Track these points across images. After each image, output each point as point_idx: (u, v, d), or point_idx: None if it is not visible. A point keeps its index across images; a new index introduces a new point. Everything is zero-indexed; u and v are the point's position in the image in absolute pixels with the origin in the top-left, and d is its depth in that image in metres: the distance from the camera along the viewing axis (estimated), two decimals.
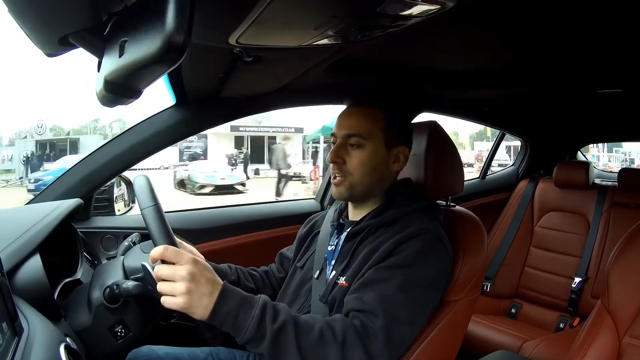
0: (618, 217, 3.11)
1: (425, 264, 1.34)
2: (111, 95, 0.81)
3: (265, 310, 1.20)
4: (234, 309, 1.18)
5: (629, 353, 1.33)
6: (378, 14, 1.16)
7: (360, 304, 1.28)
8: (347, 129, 1.50)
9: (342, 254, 1.51)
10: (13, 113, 65.79)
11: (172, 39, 0.64)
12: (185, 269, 1.15)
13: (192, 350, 1.70)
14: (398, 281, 1.30)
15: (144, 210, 1.27)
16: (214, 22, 1.16)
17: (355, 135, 1.48)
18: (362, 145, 1.48)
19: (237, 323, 1.18)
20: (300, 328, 1.21)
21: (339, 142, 1.51)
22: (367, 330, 1.23)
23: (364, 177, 1.50)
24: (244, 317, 1.18)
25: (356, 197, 1.53)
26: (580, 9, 1.32)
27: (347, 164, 1.50)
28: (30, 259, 1.28)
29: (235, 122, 6.39)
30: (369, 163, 1.49)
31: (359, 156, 1.49)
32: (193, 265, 1.16)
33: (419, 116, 2.73)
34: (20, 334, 1.00)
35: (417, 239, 1.36)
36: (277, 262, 1.88)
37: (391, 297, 1.28)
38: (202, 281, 1.16)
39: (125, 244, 1.61)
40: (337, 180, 1.51)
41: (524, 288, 3.33)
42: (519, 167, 3.91)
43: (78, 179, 1.92)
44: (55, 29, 0.82)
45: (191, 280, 1.14)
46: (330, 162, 1.51)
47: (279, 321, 1.20)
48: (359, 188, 1.51)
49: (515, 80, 2.37)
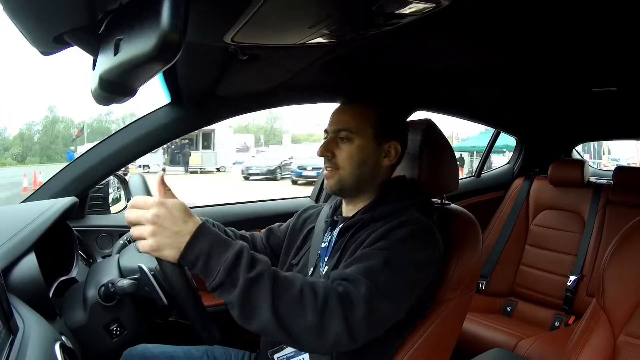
0: (613, 215, 3.11)
1: (412, 248, 1.34)
2: (106, 93, 0.81)
3: (242, 256, 1.15)
4: (205, 249, 1.13)
5: (625, 351, 1.33)
6: (373, 13, 1.17)
7: (344, 274, 1.27)
8: (336, 124, 1.52)
9: (334, 249, 1.51)
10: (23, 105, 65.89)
11: (167, 37, 0.64)
12: (149, 212, 1.12)
13: (188, 348, 1.70)
14: (384, 258, 1.29)
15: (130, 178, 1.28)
16: (209, 20, 1.16)
17: (344, 129, 1.50)
18: (351, 139, 1.50)
19: (209, 265, 1.13)
20: (279, 283, 1.17)
21: (330, 136, 1.53)
22: (350, 298, 1.20)
23: (353, 170, 1.50)
24: (216, 259, 1.13)
25: (347, 190, 1.54)
26: (576, 8, 1.32)
27: (337, 157, 1.51)
28: (26, 257, 1.28)
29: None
30: (358, 156, 1.50)
31: (347, 149, 1.50)
32: (158, 207, 1.13)
33: (414, 114, 2.73)
34: (15, 333, 1.00)
35: (407, 227, 1.37)
36: (263, 234, 1.86)
37: (376, 270, 1.26)
38: (168, 221, 1.12)
39: (121, 242, 1.62)
40: (328, 173, 1.53)
41: (519, 286, 3.34)
42: (514, 166, 3.91)
43: (73, 177, 1.91)
44: (50, 27, 0.82)
45: (155, 221, 1.11)
46: (319, 155, 1.53)
47: (256, 270, 1.15)
48: (348, 181, 1.51)
49: (510, 79, 2.37)
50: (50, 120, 53.74)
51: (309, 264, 1.58)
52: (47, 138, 52.20)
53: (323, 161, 1.55)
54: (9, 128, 65.51)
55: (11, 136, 52.91)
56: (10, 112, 73.88)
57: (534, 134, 3.81)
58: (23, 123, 54.80)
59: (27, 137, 52.64)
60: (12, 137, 52.80)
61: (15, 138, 52.39)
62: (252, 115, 60.08)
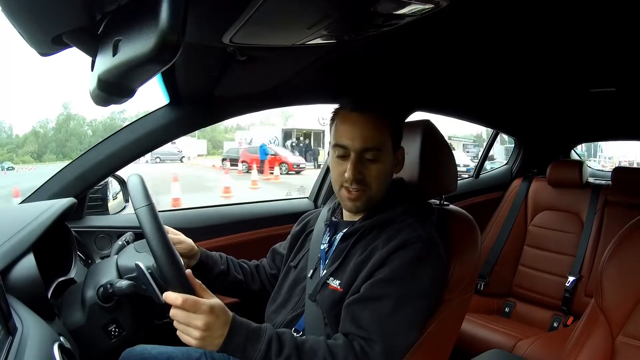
0: (611, 216, 3.12)
1: (417, 275, 1.35)
2: (105, 94, 0.80)
3: (271, 345, 1.25)
4: (241, 343, 1.23)
5: (623, 352, 1.33)
6: (371, 14, 1.17)
7: (358, 329, 1.31)
8: (362, 142, 1.44)
9: (335, 255, 1.51)
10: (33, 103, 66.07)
11: (166, 38, 0.64)
12: (201, 320, 1.17)
13: (187, 349, 1.70)
14: (392, 299, 1.32)
15: (137, 209, 1.27)
16: (208, 21, 1.16)
17: (373, 149, 1.44)
18: (379, 158, 1.45)
19: (246, 354, 1.23)
20: (304, 358, 1.26)
21: (355, 156, 1.44)
22: (366, 356, 1.27)
23: (381, 189, 1.49)
24: (251, 350, 1.23)
25: (372, 208, 1.51)
26: (575, 9, 1.32)
27: (366, 178, 1.46)
28: (24, 258, 1.27)
29: None
30: (385, 174, 1.48)
31: (377, 170, 1.46)
32: (209, 315, 1.18)
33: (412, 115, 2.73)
34: (13, 333, 0.99)
35: (408, 249, 1.36)
36: (269, 258, 1.88)
37: (387, 318, 1.31)
38: (216, 327, 1.20)
39: (119, 243, 1.61)
40: (355, 195, 1.47)
41: (517, 287, 3.35)
42: (512, 166, 3.92)
43: (72, 178, 1.91)
44: (49, 28, 0.82)
45: (206, 329, 1.18)
46: (352, 181, 1.44)
47: (284, 355, 1.24)
48: (376, 199, 1.49)
49: (508, 79, 2.37)
50: (65, 118, 53.92)
51: (308, 266, 1.58)
52: (62, 135, 52.43)
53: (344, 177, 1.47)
54: (15, 126, 65.71)
55: (19, 135, 53.39)
56: (16, 111, 74.27)
57: (533, 135, 3.82)
58: (35, 120, 55.38)
59: (42, 134, 53.09)
60: (22, 135, 53.53)
61: (28, 135, 52.81)
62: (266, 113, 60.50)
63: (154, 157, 32.43)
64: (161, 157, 32.60)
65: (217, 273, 1.68)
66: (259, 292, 1.80)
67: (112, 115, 57.54)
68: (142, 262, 1.33)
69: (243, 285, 1.75)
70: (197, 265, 1.65)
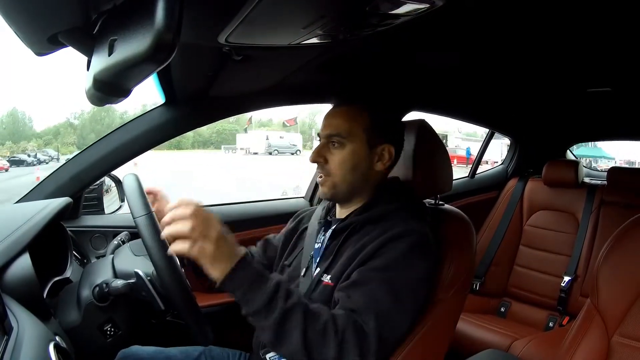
0: (607, 215, 3.12)
1: (409, 266, 1.36)
2: (100, 94, 0.80)
3: (279, 287, 1.24)
4: (249, 276, 1.22)
5: (618, 352, 1.33)
6: (367, 13, 1.17)
7: (352, 305, 1.31)
8: (328, 129, 1.52)
9: (327, 252, 1.52)
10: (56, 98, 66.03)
11: (162, 37, 0.64)
12: (215, 229, 1.20)
13: (185, 349, 1.70)
14: (384, 283, 1.32)
15: (137, 218, 1.27)
16: (204, 21, 1.16)
17: (335, 135, 1.49)
18: (343, 144, 1.49)
19: (251, 292, 1.21)
20: (309, 314, 1.25)
21: (322, 142, 1.53)
22: (362, 330, 1.26)
23: (345, 176, 1.50)
24: (258, 287, 1.22)
25: (340, 196, 1.54)
26: (571, 9, 1.33)
27: (329, 164, 1.51)
28: (20, 257, 1.28)
29: None
30: (349, 162, 1.50)
31: (339, 155, 1.50)
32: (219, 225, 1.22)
33: (408, 115, 2.74)
34: (9, 333, 1.00)
35: (401, 241, 1.37)
36: (259, 248, 1.86)
37: (379, 298, 1.30)
38: (223, 243, 1.21)
39: (115, 242, 1.61)
40: (321, 180, 1.53)
41: (513, 287, 3.35)
42: (508, 166, 3.92)
43: (67, 178, 1.91)
44: (44, 27, 0.82)
45: (219, 237, 1.20)
46: (312, 162, 1.54)
47: (291, 301, 1.23)
48: (341, 187, 1.51)
49: (504, 79, 2.38)
50: (99, 110, 53.95)
51: (301, 265, 1.58)
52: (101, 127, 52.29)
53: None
54: (36, 119, 66.15)
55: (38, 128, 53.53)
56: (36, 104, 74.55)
57: (528, 135, 3.82)
58: (70, 112, 55.49)
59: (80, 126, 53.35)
60: (53, 126, 53.94)
61: (59, 127, 53.13)
62: (295, 110, 60.91)
63: (272, 149, 33.63)
64: (279, 150, 33.56)
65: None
66: None
67: (144, 109, 57.94)
68: (141, 269, 1.34)
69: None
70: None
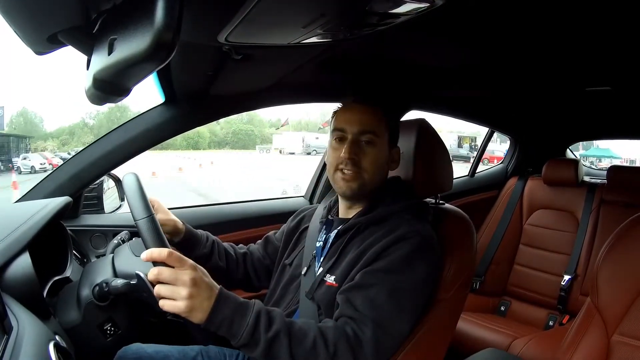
0: (607, 214, 3.12)
1: (412, 268, 1.36)
2: (100, 93, 0.80)
3: (259, 318, 1.23)
4: (229, 315, 1.20)
5: (618, 350, 1.34)
6: (367, 12, 1.17)
7: (351, 311, 1.31)
8: (359, 125, 1.49)
9: (331, 251, 1.51)
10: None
11: (161, 36, 0.64)
12: (187, 274, 1.16)
13: (183, 348, 1.69)
14: (386, 287, 1.32)
15: (138, 221, 1.27)
16: (203, 20, 1.16)
17: (369, 132, 1.48)
18: (374, 143, 1.49)
19: (232, 329, 1.20)
20: (294, 336, 1.24)
21: (352, 138, 1.49)
22: (358, 340, 1.26)
23: (375, 176, 1.50)
24: (239, 323, 1.20)
25: (364, 194, 1.53)
26: (570, 8, 1.32)
27: (362, 161, 1.48)
28: (20, 257, 1.27)
29: None
30: (380, 161, 1.51)
31: (372, 154, 1.49)
32: (194, 271, 1.17)
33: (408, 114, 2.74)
34: (9, 332, 0.99)
35: (404, 243, 1.37)
36: (260, 245, 1.87)
37: (380, 304, 1.30)
38: (203, 286, 1.18)
39: (115, 241, 1.61)
40: (350, 175, 1.49)
41: (513, 286, 3.35)
42: (508, 165, 3.92)
43: (67, 177, 1.91)
44: (44, 27, 0.82)
45: (193, 285, 1.16)
46: (347, 159, 1.48)
47: (273, 330, 1.22)
48: (369, 185, 1.51)
49: (504, 78, 2.38)
50: (113, 109, 54.30)
51: (302, 264, 1.58)
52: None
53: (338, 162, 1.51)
54: (46, 120, 66.48)
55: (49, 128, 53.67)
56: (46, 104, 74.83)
57: (528, 134, 3.82)
58: (85, 112, 55.78)
59: (96, 125, 53.45)
60: (68, 126, 54.30)
61: (74, 127, 53.43)
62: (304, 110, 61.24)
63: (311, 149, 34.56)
64: (317, 150, 34.10)
65: (197, 255, 1.67)
66: (241, 281, 1.82)
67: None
68: (142, 270, 1.34)
69: (224, 272, 1.75)
70: (178, 243, 1.66)
